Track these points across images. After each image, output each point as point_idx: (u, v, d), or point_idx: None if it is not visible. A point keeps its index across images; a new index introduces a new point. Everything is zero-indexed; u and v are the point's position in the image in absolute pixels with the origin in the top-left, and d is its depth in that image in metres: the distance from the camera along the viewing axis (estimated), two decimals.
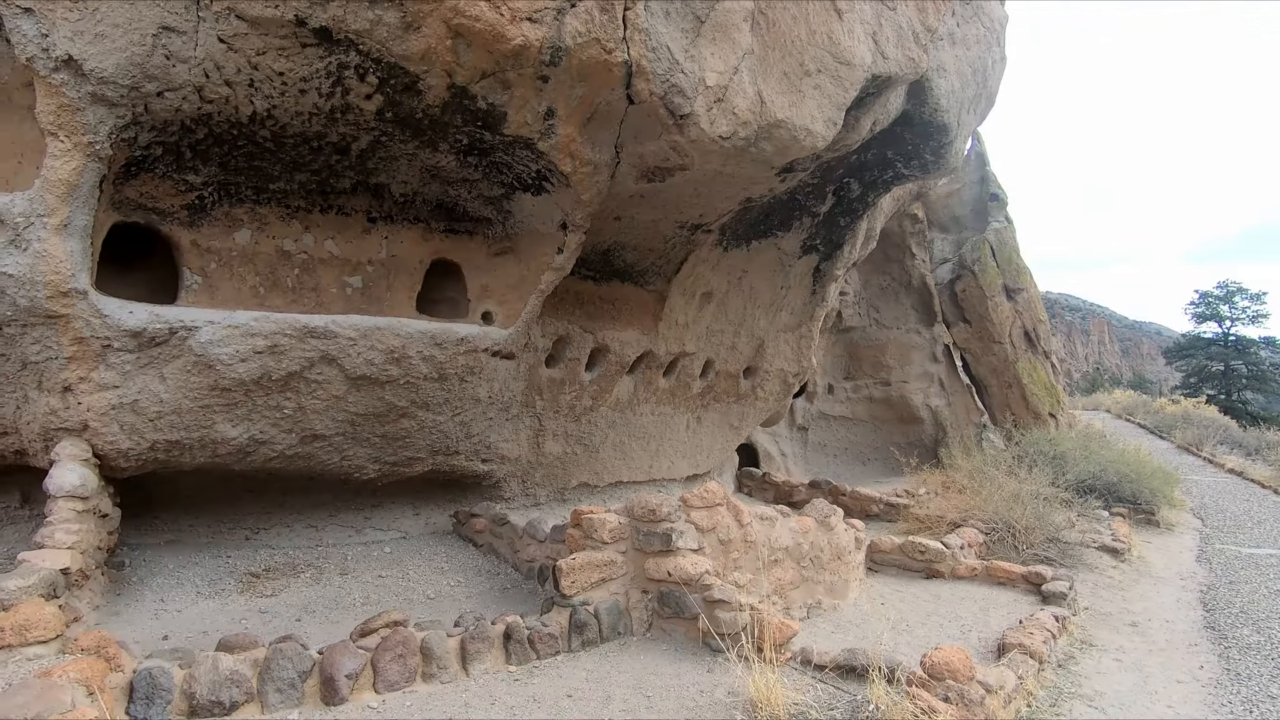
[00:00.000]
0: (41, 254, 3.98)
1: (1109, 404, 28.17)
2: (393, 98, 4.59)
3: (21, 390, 4.40)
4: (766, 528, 5.90)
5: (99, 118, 3.98)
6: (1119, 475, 11.44)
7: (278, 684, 3.44)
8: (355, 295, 5.58)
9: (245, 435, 5.08)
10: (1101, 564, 8.39)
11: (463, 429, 6.33)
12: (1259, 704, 4.64)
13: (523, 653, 4.20)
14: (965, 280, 14.52)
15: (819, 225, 8.01)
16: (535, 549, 5.92)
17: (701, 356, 8.45)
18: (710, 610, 4.40)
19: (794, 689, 3.52)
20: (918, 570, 7.70)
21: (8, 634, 3.08)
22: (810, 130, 5.11)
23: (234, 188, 4.96)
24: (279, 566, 5.73)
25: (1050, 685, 4.79)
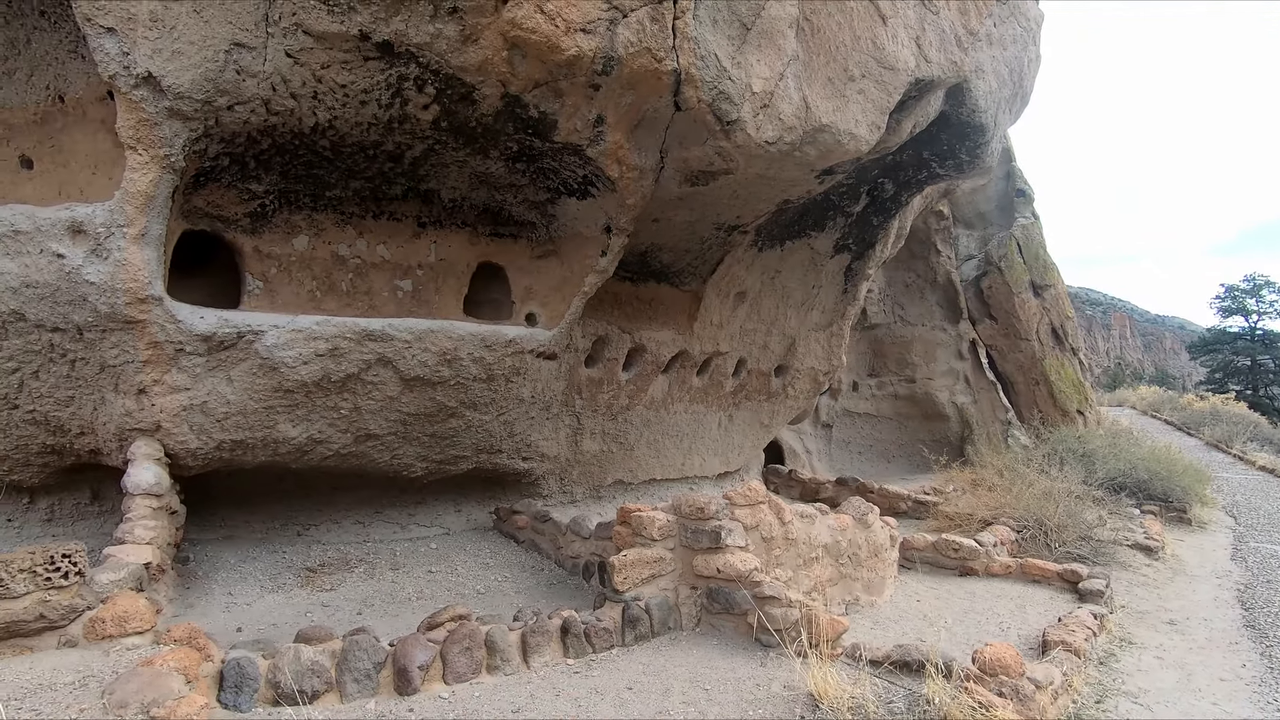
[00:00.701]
0: (121, 263, 4.16)
1: (1134, 400, 27.86)
2: (449, 107, 4.73)
3: (99, 393, 4.59)
4: (806, 525, 5.99)
5: (174, 131, 4.15)
6: (1149, 473, 11.40)
7: (355, 674, 3.60)
8: (406, 298, 5.73)
9: (304, 435, 5.25)
10: (1135, 562, 8.39)
11: (506, 428, 6.48)
12: None
13: (580, 646, 4.33)
14: (991, 277, 14.47)
15: (852, 225, 8.07)
16: (580, 545, 6.06)
17: (734, 356, 8.55)
18: (761, 606, 4.51)
19: (850, 683, 3.62)
20: (951, 568, 7.75)
21: (108, 625, 3.26)
22: (854, 134, 5.19)
23: (293, 195, 5.12)
24: (333, 562, 5.91)
25: (1094, 682, 4.85)
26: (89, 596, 3.32)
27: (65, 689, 2.87)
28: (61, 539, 5.24)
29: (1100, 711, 4.41)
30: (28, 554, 3.18)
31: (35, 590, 3.14)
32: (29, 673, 2.92)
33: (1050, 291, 14.36)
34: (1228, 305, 36.89)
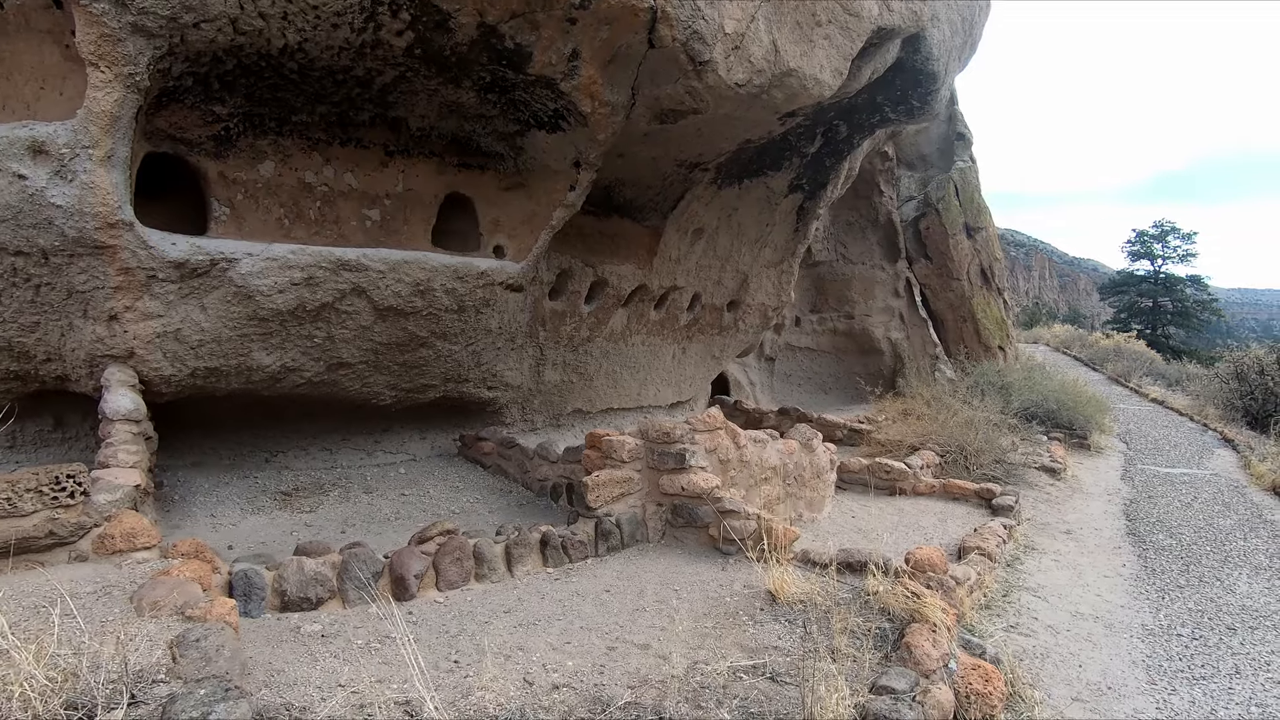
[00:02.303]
0: (89, 185, 4.06)
1: (1048, 337, 29.90)
2: (423, 35, 4.68)
3: (66, 318, 4.53)
4: (759, 449, 6.50)
5: (138, 48, 4.00)
6: (1058, 403, 12.55)
7: (355, 583, 3.88)
8: (374, 228, 5.74)
9: (278, 363, 5.32)
10: (1041, 482, 9.39)
11: (474, 358, 6.66)
12: (1169, 593, 5.56)
13: (558, 557, 4.72)
14: (929, 218, 15.12)
15: (806, 165, 8.35)
16: (548, 469, 6.40)
17: (690, 290, 8.86)
18: (722, 519, 4.98)
19: (803, 581, 4.14)
20: (883, 488, 8.51)
21: (118, 540, 3.40)
22: (819, 80, 5.40)
23: (258, 119, 5.00)
24: (306, 486, 6.07)
25: (1002, 580, 5.61)
26: (95, 515, 3.45)
27: (89, 597, 3.05)
28: (25, 465, 5.22)
29: (1006, 603, 5.15)
30: (32, 474, 3.27)
31: (43, 509, 3.25)
32: (48, 584, 3.07)
33: (982, 234, 15.15)
34: (1136, 250, 39.33)
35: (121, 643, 2.16)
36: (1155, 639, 4.57)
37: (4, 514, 3.15)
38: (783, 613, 3.94)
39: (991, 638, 4.29)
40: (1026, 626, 4.72)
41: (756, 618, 3.88)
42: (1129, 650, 4.38)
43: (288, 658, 3.17)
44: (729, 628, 3.75)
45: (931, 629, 3.49)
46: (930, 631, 3.46)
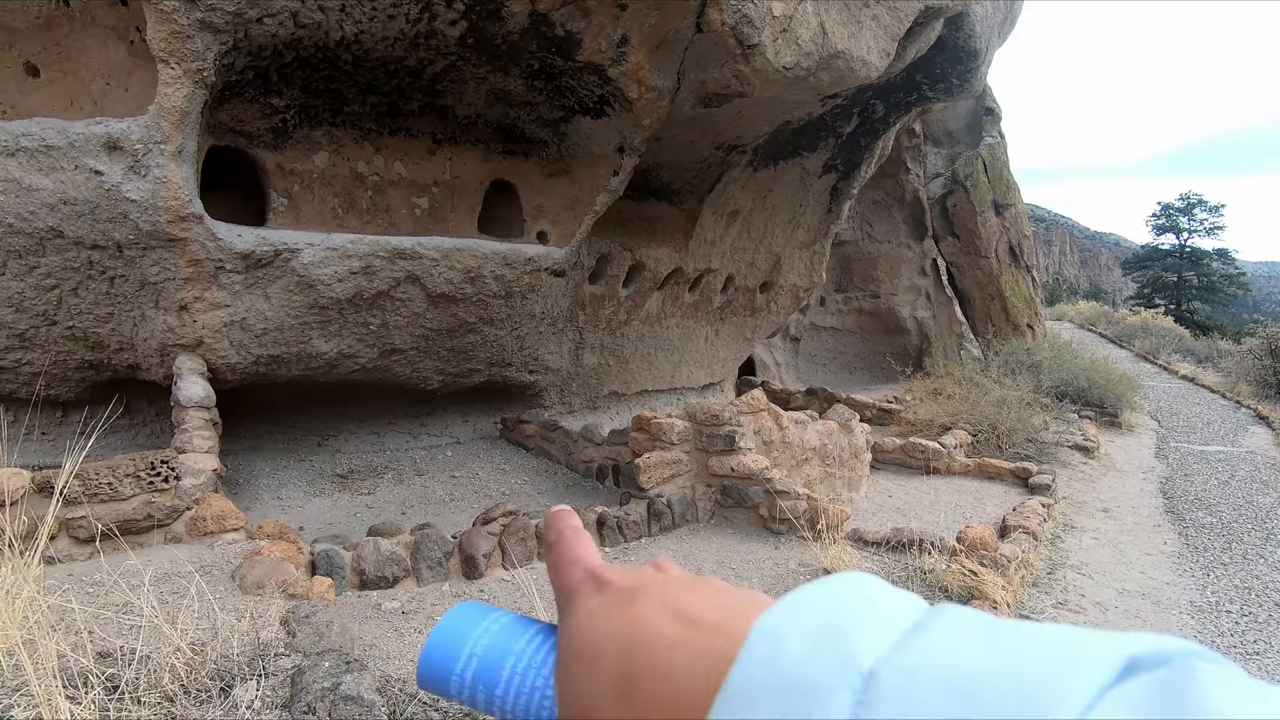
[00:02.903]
0: (161, 180, 4.17)
1: (1072, 314, 29.56)
2: (476, 24, 4.72)
3: (139, 309, 4.67)
4: (800, 430, 6.58)
5: (206, 44, 4.09)
6: (1088, 381, 12.49)
7: (428, 562, 4.03)
8: (423, 216, 5.83)
9: (336, 350, 5.45)
10: (1074, 460, 9.41)
11: (517, 342, 6.77)
12: (1213, 570, 5.61)
13: (614, 536, 4.86)
14: (957, 195, 14.96)
15: (841, 145, 8.31)
16: (593, 451, 6.53)
17: (724, 272, 8.89)
18: (771, 500, 5.09)
19: (860, 559, 4.25)
20: (916, 467, 8.58)
21: (209, 522, 3.57)
22: (866, 61, 5.39)
23: (313, 110, 5.09)
24: (360, 469, 6.25)
25: (1046, 559, 5.68)
26: (186, 499, 3.61)
27: (192, 576, 3.21)
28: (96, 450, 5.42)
29: (1052, 580, 5.23)
30: (129, 460, 3.43)
31: (141, 493, 3.42)
32: (152, 564, 3.24)
33: (1011, 211, 14.98)
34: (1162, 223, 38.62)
35: (254, 618, 2.30)
36: (1205, 616, 4.63)
37: (106, 498, 3.31)
38: None
39: (1042, 614, 4.37)
40: (1075, 604, 4.79)
41: None
42: (1180, 627, 4.46)
43: (375, 633, 3.33)
44: None
45: (992, 605, 3.58)
46: (991, 608, 3.55)
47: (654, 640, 0.32)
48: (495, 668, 0.39)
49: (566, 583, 0.39)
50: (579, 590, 0.38)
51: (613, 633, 0.34)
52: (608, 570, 0.38)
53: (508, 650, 0.39)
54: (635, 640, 0.33)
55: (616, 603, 0.35)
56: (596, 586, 0.37)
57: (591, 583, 0.38)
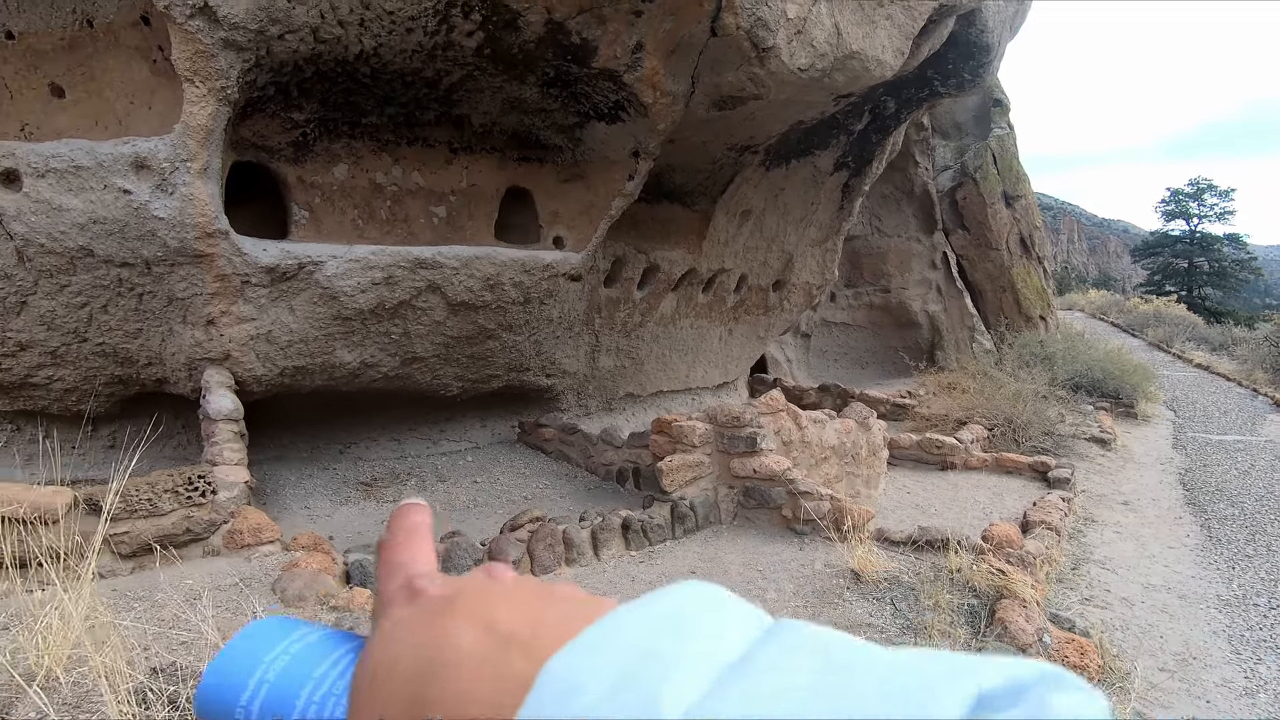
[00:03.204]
0: (189, 197, 4.23)
1: (1083, 304, 29.40)
2: (493, 34, 4.76)
3: (167, 324, 4.74)
4: (818, 429, 6.60)
5: (230, 62, 4.14)
6: (1103, 373, 12.44)
7: (458, 570, 4.07)
8: (441, 224, 5.87)
9: (358, 359, 5.51)
10: (1091, 453, 9.39)
11: (535, 347, 6.81)
12: (1238, 562, 5.60)
13: (639, 540, 4.90)
14: (966, 188, 14.90)
15: (853, 143, 8.31)
16: (613, 454, 6.57)
17: (737, 272, 8.91)
18: (794, 501, 5.12)
19: (886, 559, 4.27)
20: (933, 463, 8.58)
21: (245, 535, 3.63)
22: (881, 60, 5.39)
23: (332, 123, 5.14)
24: (383, 476, 6.31)
25: (1069, 554, 5.68)
26: (222, 512, 3.67)
27: (233, 589, 3.27)
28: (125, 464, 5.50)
29: (1077, 576, 5.24)
30: (168, 476, 3.49)
31: (179, 508, 3.48)
32: (192, 577, 3.30)
33: (1021, 202, 14.92)
34: (1171, 209, 38.34)
35: None
36: (1232, 609, 4.63)
37: (147, 513, 3.37)
38: (869, 590, 4.08)
39: (1069, 611, 4.39)
40: (1101, 599, 4.80)
41: (844, 596, 4.02)
42: (1207, 621, 4.46)
43: None
44: (821, 606, 3.89)
45: (1022, 604, 3.60)
46: (1021, 607, 3.57)
47: (457, 659, 0.28)
48: (289, 697, 0.34)
49: (382, 593, 0.35)
50: (391, 601, 0.33)
51: (412, 650, 0.30)
52: (427, 580, 0.34)
53: (306, 675, 0.34)
54: (435, 659, 0.29)
55: (426, 614, 0.31)
56: (409, 597, 0.33)
57: (406, 592, 0.33)
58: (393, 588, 0.34)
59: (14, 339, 4.57)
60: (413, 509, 0.39)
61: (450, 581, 0.34)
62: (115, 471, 3.37)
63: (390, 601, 0.33)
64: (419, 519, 0.39)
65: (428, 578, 0.34)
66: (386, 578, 0.35)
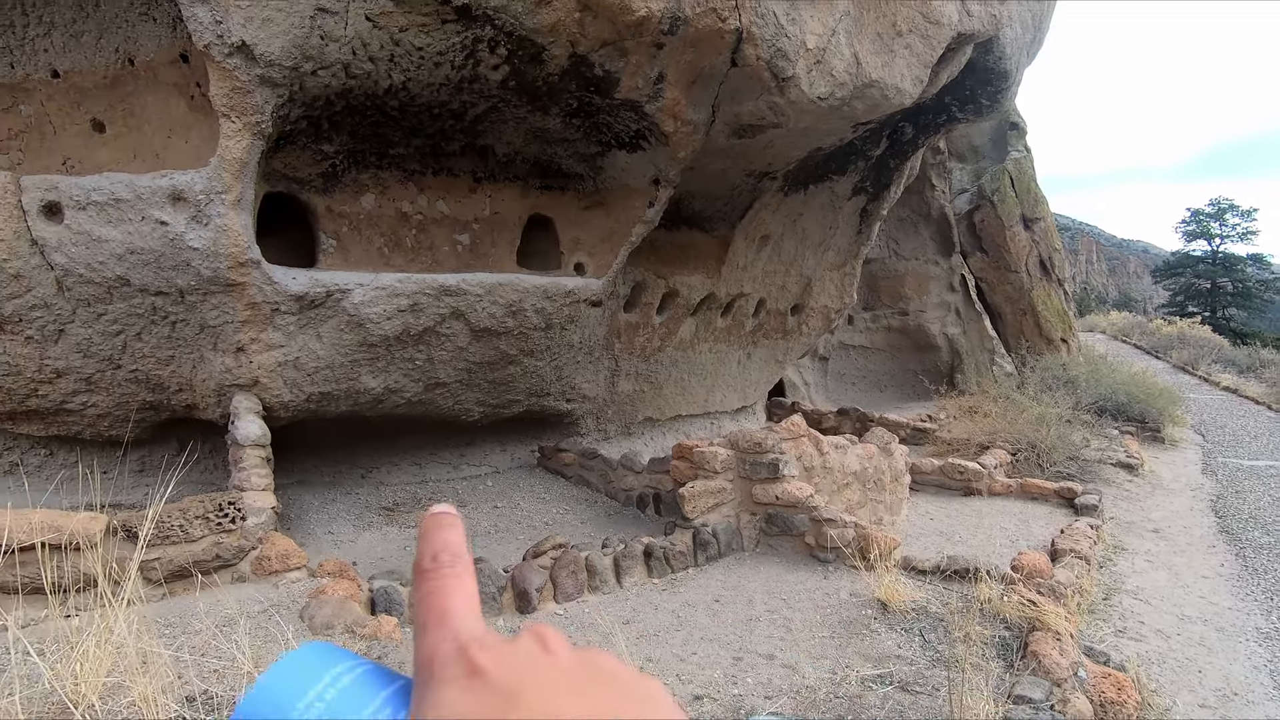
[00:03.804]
0: (222, 228, 4.34)
1: (1104, 325, 29.06)
2: (518, 68, 4.86)
3: (198, 351, 4.83)
4: (840, 455, 6.55)
5: (265, 98, 4.26)
6: (1128, 396, 12.26)
7: (482, 596, 4.06)
8: (465, 252, 5.96)
9: (383, 385, 5.57)
10: (1118, 479, 9.22)
11: (555, 372, 6.85)
12: (1276, 593, 5.45)
13: (661, 567, 4.87)
14: (984, 211, 14.88)
15: (870, 168, 8.35)
16: (633, 479, 6.56)
17: (756, 296, 8.92)
18: (818, 528, 5.07)
19: (913, 589, 4.21)
20: (956, 489, 8.47)
21: (273, 562, 3.66)
22: (900, 89, 5.44)
23: (360, 155, 5.26)
24: (405, 501, 6.34)
25: (1099, 583, 5.56)
26: (250, 538, 3.70)
27: (262, 616, 3.29)
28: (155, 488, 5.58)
29: (1109, 607, 5.12)
30: (198, 502, 3.53)
31: (210, 534, 3.52)
32: (221, 604, 3.33)
33: (1040, 224, 14.86)
34: (1192, 230, 37.96)
35: None
36: (1273, 642, 4.51)
37: (178, 539, 3.41)
38: (897, 621, 4.02)
39: (1103, 643, 4.29)
40: (1135, 631, 4.69)
41: (872, 627, 3.96)
42: (1247, 655, 4.34)
43: None
44: (847, 637, 3.84)
45: (1055, 637, 3.53)
46: (1055, 639, 3.50)
47: None
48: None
49: (431, 651, 0.33)
50: (445, 669, 0.32)
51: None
52: (483, 651, 0.32)
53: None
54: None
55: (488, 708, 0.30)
56: (467, 672, 0.31)
57: (462, 664, 0.32)
58: (444, 650, 0.33)
59: (51, 366, 4.67)
60: (442, 522, 0.38)
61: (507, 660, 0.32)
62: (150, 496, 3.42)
63: (443, 668, 0.32)
64: (451, 538, 0.37)
65: (483, 646, 0.33)
66: (434, 625, 0.34)
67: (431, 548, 0.36)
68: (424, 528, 0.38)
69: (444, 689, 0.31)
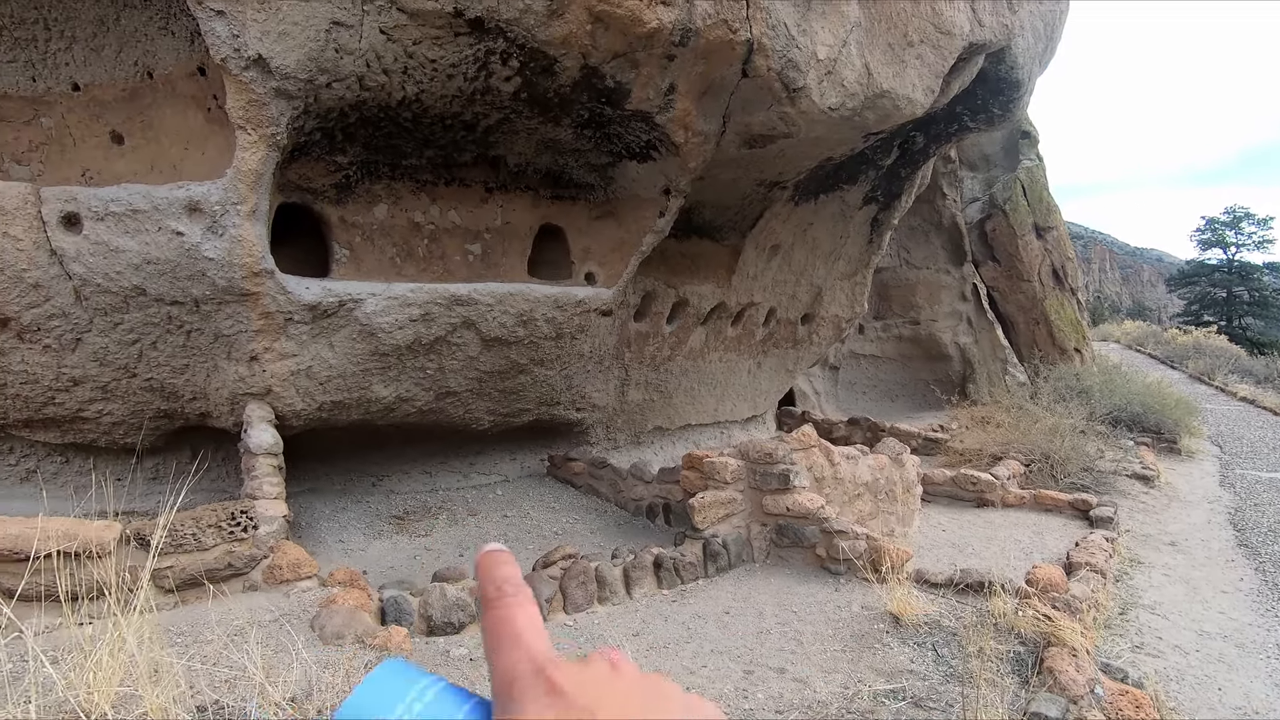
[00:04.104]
0: (237, 239, 4.39)
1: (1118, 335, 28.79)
2: (530, 79, 4.90)
3: (212, 360, 4.88)
4: (851, 465, 6.51)
5: (280, 110, 4.31)
6: (1143, 406, 12.12)
7: None
8: (476, 261, 5.99)
9: (394, 394, 5.60)
10: (1134, 490, 9.10)
11: (565, 381, 6.86)
12: None
13: (671, 578, 4.85)
14: (996, 220, 14.81)
15: (881, 177, 8.33)
16: (642, 489, 6.54)
17: (766, 306, 8.91)
18: (829, 540, 5.03)
19: (926, 602, 4.17)
20: (968, 500, 8.39)
21: (285, 571, 3.67)
22: (911, 99, 5.43)
23: (373, 165, 5.30)
24: (415, 510, 6.35)
25: (1115, 597, 5.48)
26: (262, 547, 3.72)
27: (273, 625, 3.30)
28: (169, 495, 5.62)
29: (1125, 622, 5.05)
30: (211, 511, 3.55)
31: (221, 543, 3.54)
32: (232, 613, 3.34)
33: (1053, 233, 14.77)
34: (1207, 238, 37.66)
35: (348, 673, 2.36)
36: None
37: (191, 548, 3.44)
38: (909, 635, 3.97)
39: (1120, 659, 4.22)
40: (1152, 647, 4.62)
41: (884, 640, 3.92)
42: (1269, 672, 4.26)
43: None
44: (858, 650, 3.80)
45: (1071, 653, 3.48)
46: (1070, 655, 3.45)
47: None
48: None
49: (509, 671, 0.36)
50: (525, 690, 0.35)
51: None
52: (558, 670, 0.36)
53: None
54: None
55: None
56: (547, 691, 0.35)
57: (541, 684, 0.35)
58: (522, 670, 0.36)
59: (68, 374, 4.73)
60: (500, 560, 0.41)
61: (580, 678, 0.35)
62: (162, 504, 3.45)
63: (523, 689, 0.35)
64: (513, 571, 0.40)
65: (559, 667, 0.36)
66: (508, 647, 0.37)
67: (494, 580, 0.40)
68: (483, 564, 0.41)
69: (527, 705, 0.34)
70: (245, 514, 3.63)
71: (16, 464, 5.27)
